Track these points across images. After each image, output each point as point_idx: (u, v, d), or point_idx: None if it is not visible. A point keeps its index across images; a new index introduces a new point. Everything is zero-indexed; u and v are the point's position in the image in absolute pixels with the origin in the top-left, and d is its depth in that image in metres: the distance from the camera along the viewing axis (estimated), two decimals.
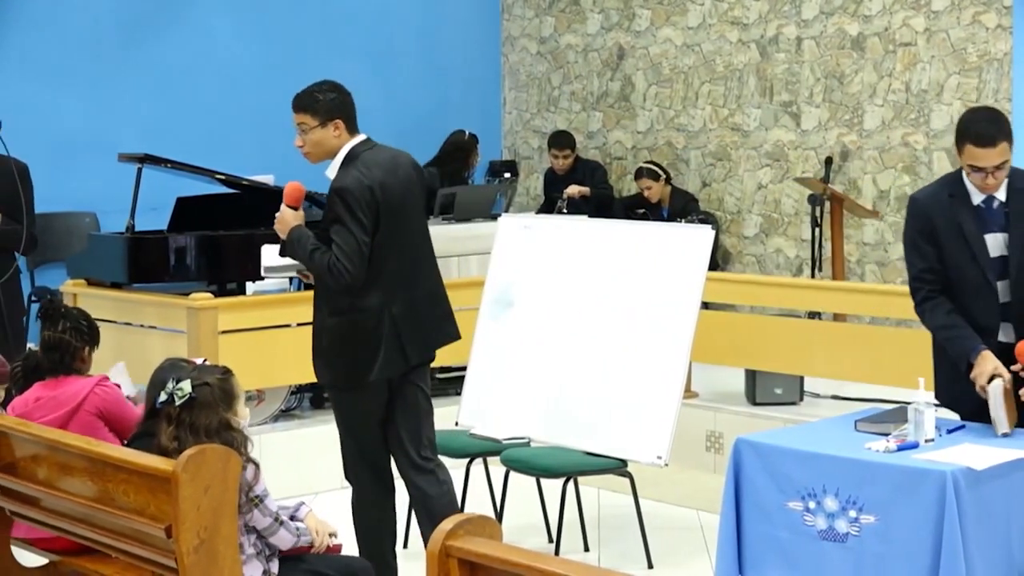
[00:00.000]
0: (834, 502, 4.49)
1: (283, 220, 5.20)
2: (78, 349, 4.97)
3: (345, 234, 5.07)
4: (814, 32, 9.80)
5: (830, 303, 7.81)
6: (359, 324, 5.19)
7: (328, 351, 5.26)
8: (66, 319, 5.02)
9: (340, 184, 5.14)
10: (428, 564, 3.13)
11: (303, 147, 5.26)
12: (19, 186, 6.48)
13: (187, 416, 4.14)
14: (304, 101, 5.25)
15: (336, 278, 5.06)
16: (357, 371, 5.22)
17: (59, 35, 9.50)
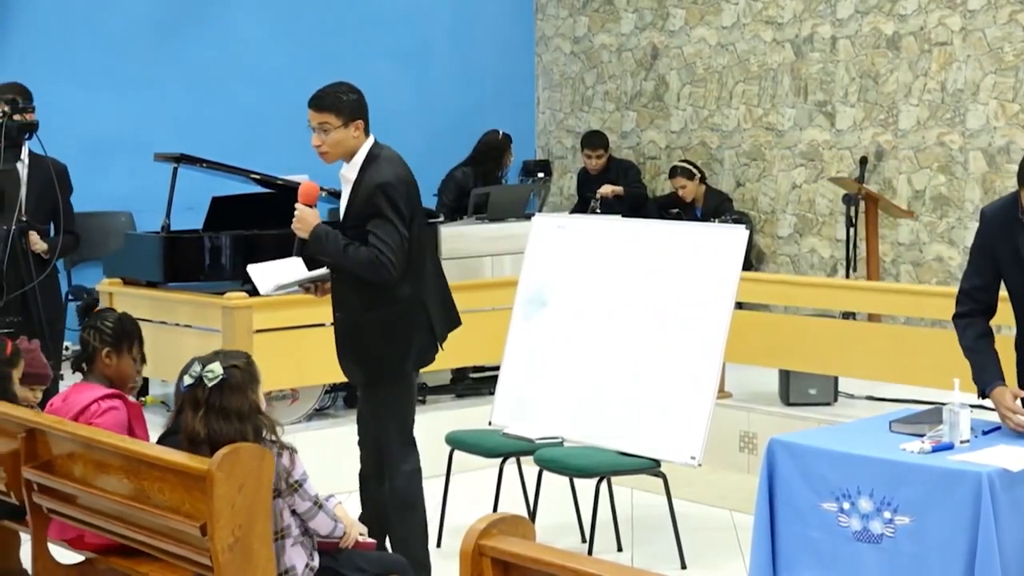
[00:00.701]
0: (869, 503, 4.48)
1: (304, 219, 5.27)
2: (97, 350, 4.88)
3: (388, 228, 5.18)
4: (849, 31, 9.77)
5: (865, 303, 7.78)
6: (398, 315, 5.31)
7: (367, 347, 5.33)
8: (93, 319, 4.99)
9: (382, 179, 5.23)
10: (461, 563, 3.13)
11: (321, 146, 5.32)
12: (58, 187, 6.52)
13: (217, 399, 4.10)
14: (328, 101, 5.31)
15: (380, 271, 5.16)
16: (393, 365, 5.34)
17: (96, 37, 9.56)
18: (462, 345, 7.72)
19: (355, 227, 5.25)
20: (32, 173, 6.53)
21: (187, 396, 4.15)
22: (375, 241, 5.17)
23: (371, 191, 5.22)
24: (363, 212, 5.24)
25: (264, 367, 5.29)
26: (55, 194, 6.51)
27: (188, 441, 4.11)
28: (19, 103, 6.25)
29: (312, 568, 4.22)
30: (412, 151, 10.97)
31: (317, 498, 4.20)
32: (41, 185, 6.53)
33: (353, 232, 5.25)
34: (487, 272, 8.62)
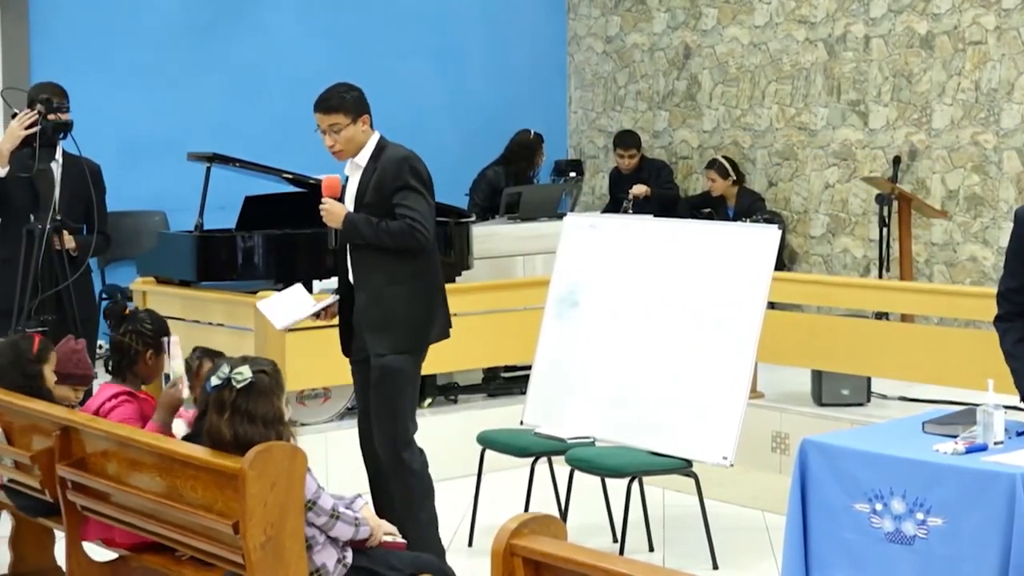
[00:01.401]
0: (901, 504, 4.46)
1: (332, 211, 5.49)
2: (139, 353, 4.94)
3: (416, 197, 5.48)
4: (882, 30, 9.73)
5: (898, 304, 7.75)
6: (420, 288, 5.56)
7: (391, 316, 5.50)
8: (129, 322, 5.02)
9: (404, 154, 5.54)
10: (493, 563, 3.13)
11: (335, 146, 5.54)
12: (92, 187, 6.55)
13: (244, 403, 4.10)
14: (334, 102, 5.54)
15: (416, 237, 5.43)
16: (420, 333, 5.57)
17: (130, 36, 9.61)
18: (494, 344, 7.77)
19: (375, 203, 5.48)
20: (66, 173, 6.57)
21: (213, 397, 4.14)
22: (405, 211, 5.44)
23: (397, 164, 5.49)
24: (386, 187, 5.47)
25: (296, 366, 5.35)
26: (88, 194, 6.55)
27: (211, 442, 4.10)
28: (54, 103, 6.28)
29: (345, 564, 4.22)
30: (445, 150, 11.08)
31: (333, 509, 4.17)
32: (75, 185, 6.57)
33: (372, 209, 5.48)
34: (519, 272, 8.63)
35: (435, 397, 7.85)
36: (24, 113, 6.25)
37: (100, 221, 6.63)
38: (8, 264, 6.46)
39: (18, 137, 6.23)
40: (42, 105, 6.25)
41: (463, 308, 7.77)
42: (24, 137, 6.23)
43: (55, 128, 6.26)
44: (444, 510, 6.72)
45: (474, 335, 7.71)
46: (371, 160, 5.56)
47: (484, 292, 7.89)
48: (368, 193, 5.51)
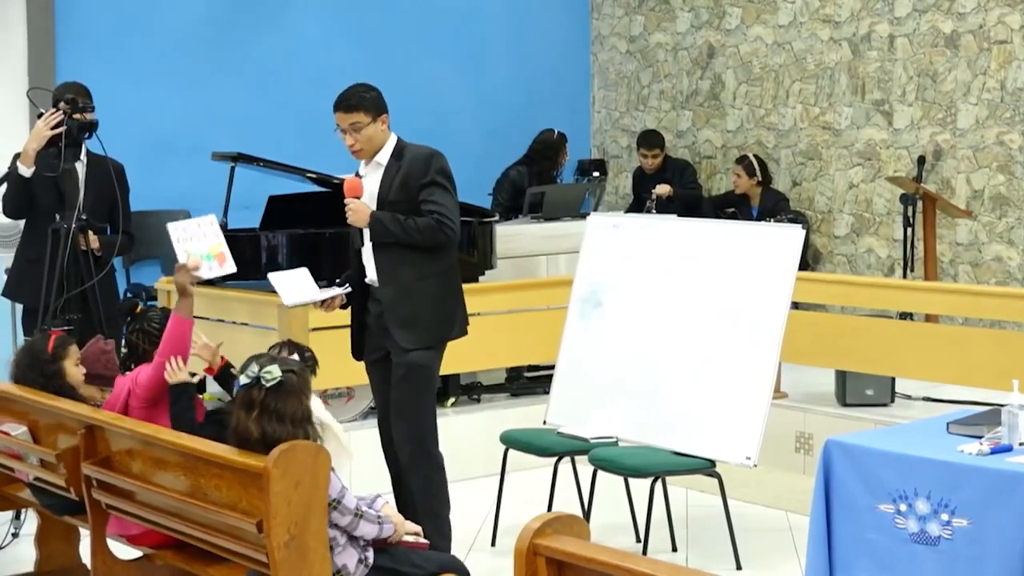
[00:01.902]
0: (926, 505, 4.45)
1: (358, 211, 5.54)
2: (147, 351, 4.97)
3: (445, 195, 5.56)
4: (907, 30, 9.70)
5: (922, 304, 7.72)
6: (444, 284, 5.64)
7: (418, 312, 5.56)
8: (138, 320, 5.04)
9: (431, 151, 5.62)
10: (516, 562, 3.14)
11: (355, 145, 5.60)
12: (117, 186, 6.57)
13: (273, 402, 4.11)
14: (354, 101, 5.59)
15: (444, 231, 5.51)
16: (443, 329, 5.64)
17: (155, 35, 9.64)
18: (517, 344, 7.77)
19: (401, 200, 5.53)
20: (91, 172, 6.59)
21: (242, 396, 4.16)
22: (433, 207, 5.51)
23: (424, 160, 5.57)
24: (412, 184, 5.53)
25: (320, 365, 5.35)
26: (113, 193, 6.56)
27: (238, 440, 4.11)
28: (79, 103, 6.31)
29: (366, 564, 4.23)
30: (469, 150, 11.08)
31: (357, 508, 4.17)
32: (99, 184, 6.58)
33: (398, 207, 5.53)
34: (542, 271, 8.63)
35: (458, 397, 7.85)
36: (49, 113, 6.27)
37: (124, 220, 6.65)
38: (35, 264, 6.49)
39: (44, 137, 6.25)
40: (67, 105, 6.27)
41: (486, 307, 7.79)
42: (50, 137, 6.25)
43: (80, 128, 6.28)
44: (467, 509, 6.74)
45: (497, 335, 7.71)
46: (393, 158, 5.60)
47: (507, 292, 7.89)
48: (394, 191, 5.55)
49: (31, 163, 6.34)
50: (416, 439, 5.57)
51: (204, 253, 5.25)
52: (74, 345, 5.16)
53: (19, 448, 4.90)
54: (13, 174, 6.42)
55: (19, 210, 6.62)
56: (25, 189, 6.45)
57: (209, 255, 5.20)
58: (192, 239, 5.34)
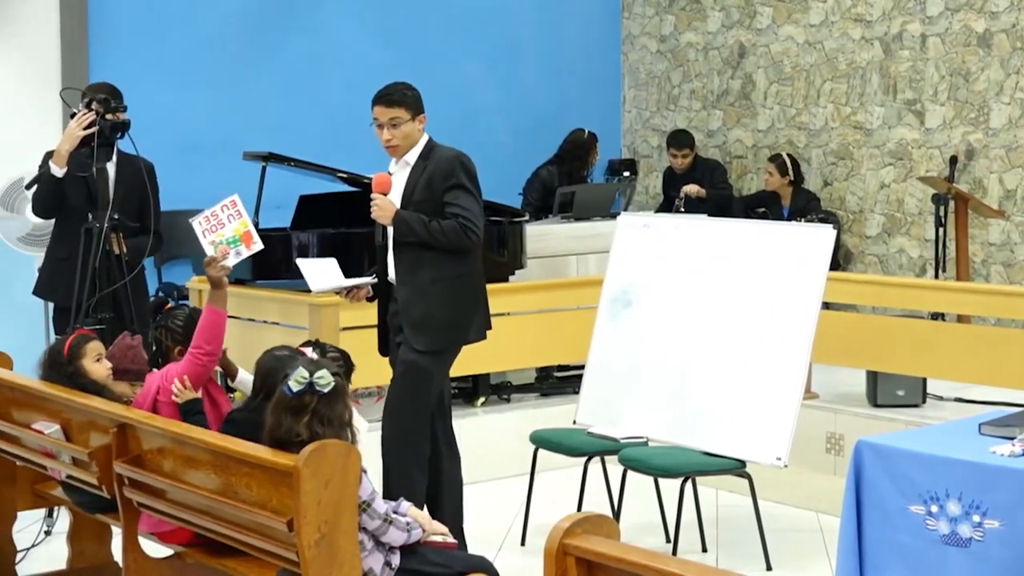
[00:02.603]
0: (957, 506, 4.43)
1: (383, 207, 5.59)
2: (169, 348, 5.02)
3: (468, 197, 5.59)
4: (939, 29, 9.66)
5: (954, 304, 7.69)
6: (462, 288, 5.65)
7: (433, 313, 5.58)
8: (163, 318, 5.08)
9: (457, 154, 5.66)
10: (546, 562, 3.14)
11: (392, 140, 5.63)
12: (148, 185, 6.60)
13: (325, 407, 4.15)
14: (397, 97, 5.64)
15: (467, 235, 5.54)
16: (458, 333, 5.67)
17: (187, 36, 9.67)
18: (547, 344, 7.77)
19: (425, 201, 5.57)
20: (120, 171, 6.59)
21: (291, 400, 4.16)
22: (458, 210, 5.54)
23: (449, 163, 5.60)
24: (437, 186, 5.57)
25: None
26: (143, 192, 6.56)
27: (277, 443, 4.12)
28: (111, 103, 6.33)
29: (392, 567, 4.23)
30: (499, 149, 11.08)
31: (387, 513, 4.17)
32: (129, 183, 6.60)
33: (422, 207, 5.57)
34: (572, 271, 8.63)
35: (488, 396, 7.86)
36: (82, 113, 6.30)
37: (154, 220, 6.67)
38: (65, 262, 6.52)
39: (76, 137, 6.27)
40: (99, 105, 6.30)
41: (516, 307, 7.79)
42: (82, 137, 6.27)
43: (113, 128, 6.30)
44: (497, 509, 6.75)
45: (527, 334, 7.72)
46: (420, 159, 5.64)
47: (537, 291, 7.89)
48: (419, 191, 5.59)
49: (63, 163, 6.36)
50: (403, 437, 5.58)
51: (229, 238, 5.26)
52: (92, 343, 5.17)
53: (52, 446, 4.93)
54: (46, 174, 6.45)
55: (50, 210, 6.64)
56: (57, 189, 6.47)
57: (235, 239, 5.22)
58: (216, 228, 5.36)
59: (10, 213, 7.88)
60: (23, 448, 5.14)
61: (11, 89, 8.68)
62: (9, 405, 5.23)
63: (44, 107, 8.74)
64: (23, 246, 7.92)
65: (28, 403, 5.11)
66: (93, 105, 6.30)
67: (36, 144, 8.08)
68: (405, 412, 5.60)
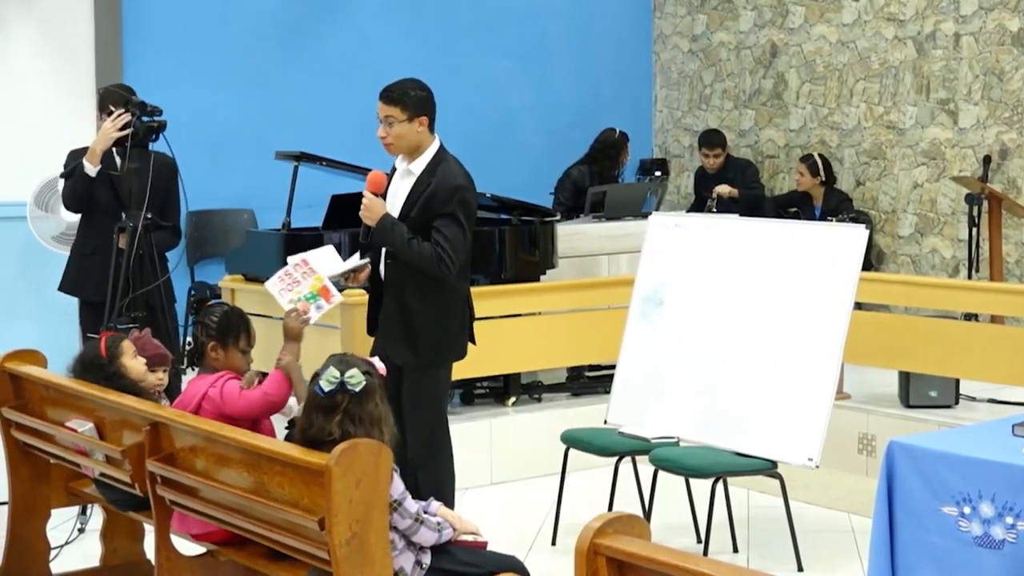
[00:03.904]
0: (990, 508, 4.41)
1: (372, 208, 5.56)
2: (203, 345, 5.01)
3: (456, 230, 5.49)
4: (973, 28, 9.61)
5: (987, 304, 7.65)
6: (447, 306, 5.61)
7: (418, 331, 5.56)
8: (201, 314, 5.09)
9: (460, 182, 5.54)
10: (576, 562, 3.14)
11: (386, 138, 5.59)
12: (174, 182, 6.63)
13: (356, 406, 4.16)
14: (395, 95, 5.61)
15: (440, 267, 5.47)
16: (441, 351, 5.64)
17: (219, 36, 9.71)
18: (578, 344, 7.77)
19: (417, 219, 5.52)
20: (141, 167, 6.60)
21: (322, 400, 4.18)
22: (440, 239, 5.47)
23: (450, 191, 5.51)
24: (433, 208, 5.51)
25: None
26: (163, 189, 6.58)
27: (309, 442, 4.14)
28: (147, 105, 6.37)
29: (423, 566, 4.24)
30: (530, 149, 11.09)
31: (418, 513, 4.18)
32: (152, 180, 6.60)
33: (413, 224, 5.51)
34: (603, 271, 8.62)
35: (519, 396, 7.86)
36: (118, 113, 6.33)
37: (169, 215, 6.69)
38: (90, 257, 6.60)
39: (111, 138, 6.32)
40: (135, 108, 6.34)
41: (547, 307, 7.80)
42: (116, 138, 6.31)
43: (148, 131, 6.34)
44: (528, 508, 6.75)
45: (558, 334, 7.72)
46: (426, 172, 5.58)
47: (568, 291, 7.89)
48: (416, 208, 5.55)
49: (97, 162, 6.42)
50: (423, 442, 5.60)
51: (307, 295, 5.31)
52: (126, 341, 5.21)
53: (85, 444, 4.96)
54: (79, 171, 6.49)
55: (80, 206, 6.69)
56: (89, 187, 6.52)
57: (313, 295, 5.26)
58: (292, 287, 5.46)
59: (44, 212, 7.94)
60: (57, 446, 5.17)
61: (45, 90, 8.73)
62: (43, 403, 5.26)
63: (78, 108, 8.79)
64: (57, 245, 7.97)
65: (62, 401, 5.14)
66: (128, 106, 6.33)
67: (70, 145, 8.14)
68: (420, 419, 5.60)
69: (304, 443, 4.15)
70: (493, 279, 7.72)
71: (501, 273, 7.70)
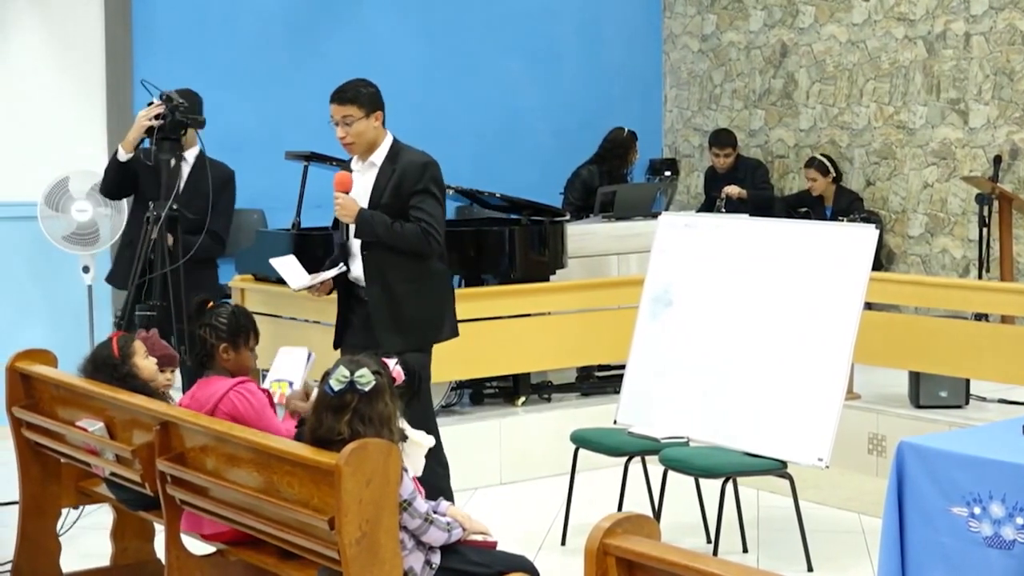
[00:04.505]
0: (1000, 508, 4.40)
1: (346, 206, 5.67)
2: (214, 347, 4.95)
3: (432, 203, 5.67)
4: (983, 28, 9.60)
5: (998, 305, 7.64)
6: (433, 288, 5.75)
7: (405, 315, 5.66)
8: (206, 316, 5.05)
9: (426, 160, 5.72)
10: (586, 562, 3.14)
11: (346, 138, 5.73)
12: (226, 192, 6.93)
13: (365, 405, 4.15)
14: (350, 94, 5.76)
15: (429, 242, 5.63)
16: (431, 332, 5.76)
17: (229, 36, 9.72)
18: (588, 344, 7.77)
19: (391, 204, 5.65)
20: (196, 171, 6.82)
21: (331, 399, 4.18)
22: (421, 215, 5.63)
23: (420, 168, 5.68)
24: (404, 189, 5.65)
25: None
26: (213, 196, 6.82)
27: (319, 441, 4.14)
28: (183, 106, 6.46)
29: (432, 565, 4.24)
30: (540, 149, 11.08)
31: (428, 513, 4.18)
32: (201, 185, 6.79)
33: (388, 210, 5.64)
34: (613, 270, 8.62)
35: (529, 396, 7.87)
36: (156, 104, 6.47)
37: (212, 221, 6.80)
38: (128, 248, 6.80)
39: (143, 126, 6.49)
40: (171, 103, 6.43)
41: (557, 307, 7.80)
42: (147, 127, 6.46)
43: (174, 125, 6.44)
44: (537, 508, 6.76)
45: (568, 334, 7.72)
46: (387, 161, 5.72)
47: (578, 291, 7.89)
48: (387, 194, 5.68)
49: (130, 149, 6.67)
50: None
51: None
52: (137, 341, 5.21)
53: (96, 444, 4.97)
54: (112, 156, 6.78)
55: (111, 191, 6.97)
56: (120, 172, 6.76)
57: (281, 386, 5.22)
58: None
59: (55, 212, 7.96)
60: (68, 445, 5.18)
61: (56, 91, 8.75)
62: (54, 403, 5.27)
63: (88, 108, 8.80)
64: (68, 245, 7.99)
65: (73, 401, 5.15)
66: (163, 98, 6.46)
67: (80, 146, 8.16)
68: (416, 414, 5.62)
69: (314, 443, 4.15)
70: (503, 279, 7.72)
71: (511, 273, 7.70)
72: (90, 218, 7.90)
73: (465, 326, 7.03)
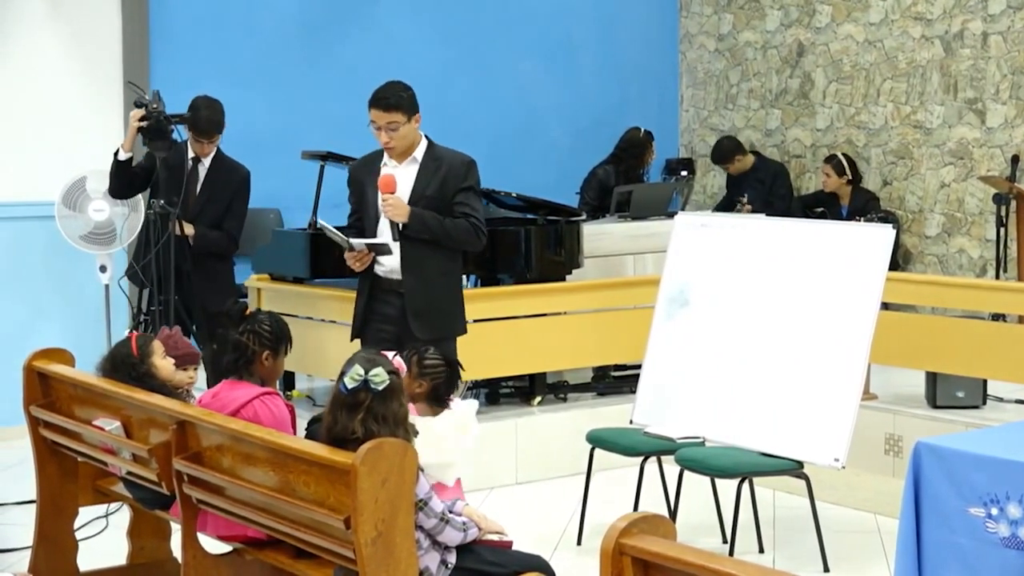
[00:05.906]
0: (1018, 509, 4.39)
1: (397, 206, 5.83)
2: (256, 353, 4.91)
3: (476, 200, 5.96)
4: (1001, 27, 9.57)
5: (1015, 305, 7.62)
6: (457, 282, 6.07)
7: (440, 304, 5.91)
8: (248, 322, 5.02)
9: (468, 159, 5.96)
10: (602, 562, 3.14)
11: (390, 143, 5.87)
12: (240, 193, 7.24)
13: (379, 404, 4.15)
14: (394, 100, 5.86)
15: (480, 237, 5.91)
16: (458, 323, 6.03)
17: (246, 36, 9.74)
18: (604, 343, 7.77)
19: (437, 198, 5.86)
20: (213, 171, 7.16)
21: (345, 398, 4.18)
22: (470, 211, 5.89)
23: (465, 166, 5.92)
24: (450, 185, 5.86)
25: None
26: (228, 196, 7.17)
27: (335, 440, 4.14)
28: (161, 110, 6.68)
29: (448, 565, 4.24)
30: (556, 149, 11.08)
31: (443, 513, 4.18)
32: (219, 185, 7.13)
33: (433, 203, 5.85)
34: (629, 270, 8.61)
35: (545, 395, 7.86)
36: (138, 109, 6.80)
37: (227, 221, 7.15)
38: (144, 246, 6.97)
39: (133, 128, 6.82)
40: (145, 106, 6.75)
41: (573, 307, 7.79)
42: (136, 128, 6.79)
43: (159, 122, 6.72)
44: (553, 508, 6.75)
45: (584, 334, 7.72)
46: (427, 156, 5.91)
47: (594, 291, 7.89)
48: (432, 188, 5.86)
49: (129, 148, 6.96)
50: None
51: None
52: (156, 341, 5.21)
53: (113, 443, 4.97)
54: (113, 157, 7.01)
55: (115, 191, 7.23)
56: (121, 172, 7.03)
57: None
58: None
59: (72, 212, 7.97)
60: (85, 444, 5.19)
61: (73, 91, 8.76)
62: (71, 402, 5.28)
63: (106, 108, 8.82)
64: (85, 244, 8.01)
65: (89, 400, 5.16)
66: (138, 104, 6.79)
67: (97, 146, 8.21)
68: None
69: (329, 441, 4.15)
70: (519, 279, 7.72)
71: (527, 273, 7.70)
72: (107, 217, 7.92)
73: (481, 326, 7.04)
